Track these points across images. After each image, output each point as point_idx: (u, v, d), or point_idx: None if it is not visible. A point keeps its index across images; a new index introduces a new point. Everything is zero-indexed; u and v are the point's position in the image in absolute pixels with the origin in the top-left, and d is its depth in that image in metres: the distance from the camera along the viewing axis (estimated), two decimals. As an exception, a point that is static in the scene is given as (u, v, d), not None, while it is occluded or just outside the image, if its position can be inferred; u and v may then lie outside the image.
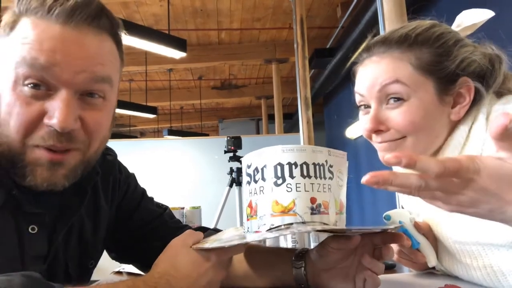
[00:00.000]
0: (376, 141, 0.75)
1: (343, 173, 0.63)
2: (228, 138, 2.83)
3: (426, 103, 0.69)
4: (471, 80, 0.71)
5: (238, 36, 6.02)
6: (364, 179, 0.44)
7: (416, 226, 0.74)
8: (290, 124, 8.93)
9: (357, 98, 0.77)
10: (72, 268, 0.67)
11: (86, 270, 0.72)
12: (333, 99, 8.37)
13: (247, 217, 0.61)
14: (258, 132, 10.03)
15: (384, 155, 0.46)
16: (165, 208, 0.88)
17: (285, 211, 0.56)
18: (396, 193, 2.18)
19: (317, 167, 0.58)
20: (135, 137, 9.39)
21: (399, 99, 0.70)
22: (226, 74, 7.54)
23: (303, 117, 3.99)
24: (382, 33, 2.28)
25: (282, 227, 0.56)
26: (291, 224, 0.56)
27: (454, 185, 0.43)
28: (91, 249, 0.72)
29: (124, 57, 0.69)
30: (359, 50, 0.82)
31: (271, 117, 7.48)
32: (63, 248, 0.66)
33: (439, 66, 0.70)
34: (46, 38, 0.56)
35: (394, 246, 0.77)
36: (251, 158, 0.62)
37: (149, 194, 0.93)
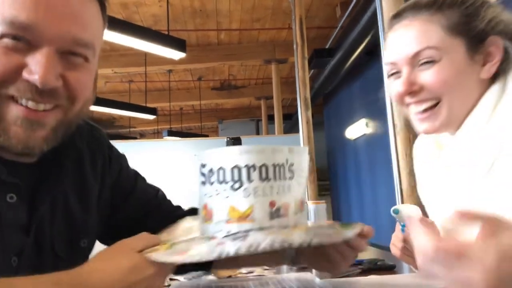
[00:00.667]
0: (409, 102, 0.75)
1: (303, 170, 0.61)
2: (228, 139, 2.83)
3: (457, 62, 0.71)
4: (500, 39, 0.72)
5: (238, 37, 6.02)
6: None
7: (423, 222, 0.74)
8: (290, 125, 8.93)
9: (388, 68, 0.77)
10: (59, 244, 0.63)
11: (78, 249, 0.68)
12: (332, 99, 8.37)
13: (202, 219, 0.59)
14: (258, 132, 10.03)
15: (421, 129, 0.45)
16: (158, 189, 0.87)
17: (243, 217, 0.54)
18: (396, 193, 2.18)
19: (277, 168, 0.56)
20: (135, 138, 9.39)
21: (431, 61, 0.71)
22: (225, 74, 7.54)
23: (303, 117, 3.99)
24: (381, 33, 2.28)
25: (239, 234, 0.53)
26: (249, 231, 0.53)
27: None
28: (81, 226, 0.68)
29: (106, 19, 0.67)
30: (359, 50, 0.82)
31: (270, 118, 7.48)
32: (49, 223, 0.63)
33: (468, 26, 0.72)
34: None
35: (398, 243, 0.77)
36: (206, 157, 0.58)
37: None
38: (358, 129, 6.60)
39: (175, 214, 0.82)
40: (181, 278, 0.90)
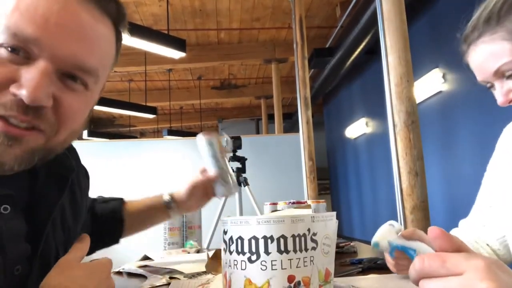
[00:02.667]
0: None
1: (330, 237, 0.57)
2: (228, 138, 2.83)
3: None
4: None
5: (238, 36, 6.02)
6: None
7: (405, 235, 0.74)
8: (290, 124, 8.94)
9: (482, 83, 0.81)
10: (63, 253, 0.63)
11: None
12: (332, 98, 8.37)
13: (223, 287, 0.58)
14: (258, 132, 10.03)
15: None
16: (94, 199, 0.92)
17: None
18: (396, 192, 2.17)
19: (297, 239, 0.53)
20: (135, 137, 9.39)
21: None
22: (225, 74, 7.54)
23: (303, 117, 3.99)
24: (381, 33, 2.29)
25: None
26: None
27: None
28: (72, 237, 0.67)
29: (119, 57, 0.63)
30: (359, 50, 0.83)
31: (270, 117, 7.48)
32: (52, 231, 0.62)
33: None
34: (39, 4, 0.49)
35: (389, 261, 0.77)
36: (227, 224, 0.57)
37: (149, 194, 0.94)
38: (358, 128, 6.60)
39: (107, 204, 0.91)
40: (180, 276, 0.90)
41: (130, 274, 1.00)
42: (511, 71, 0.72)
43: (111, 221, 0.89)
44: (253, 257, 0.53)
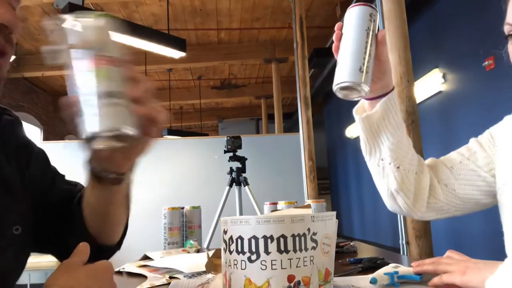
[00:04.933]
0: None
1: (330, 237, 0.57)
2: (228, 138, 2.83)
3: None
4: None
5: (238, 36, 6.02)
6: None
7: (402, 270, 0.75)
8: (290, 124, 8.94)
9: (507, 29, 0.77)
10: None
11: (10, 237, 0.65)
12: (332, 98, 8.36)
13: (223, 286, 0.57)
14: (258, 131, 10.03)
15: None
16: (76, 183, 0.81)
17: None
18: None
19: (297, 238, 0.53)
20: (135, 137, 9.37)
21: None
22: (225, 73, 7.54)
23: (303, 116, 3.99)
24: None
25: None
26: None
27: None
28: (3, 210, 0.64)
29: None
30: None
31: (271, 117, 7.48)
32: None
33: None
34: None
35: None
36: (227, 224, 0.57)
37: (149, 194, 0.92)
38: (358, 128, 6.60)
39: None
40: (180, 276, 0.90)
41: (130, 274, 1.00)
42: None
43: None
44: (253, 257, 0.53)
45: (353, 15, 0.76)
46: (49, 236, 0.74)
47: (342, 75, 0.71)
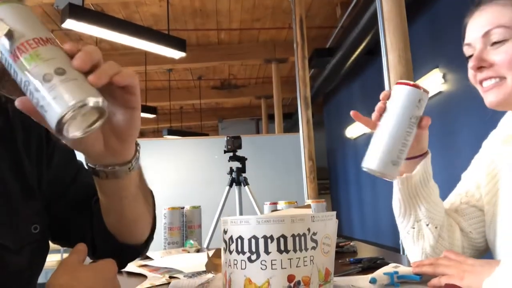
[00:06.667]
0: (479, 79, 0.78)
1: (330, 237, 0.57)
2: (228, 138, 2.83)
3: None
4: None
5: (238, 36, 6.02)
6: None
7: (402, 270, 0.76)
8: (290, 124, 8.93)
9: (466, 50, 0.81)
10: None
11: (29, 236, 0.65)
12: (332, 98, 8.37)
13: (222, 286, 0.58)
14: (258, 131, 10.03)
15: (487, 101, 0.64)
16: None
17: None
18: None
19: (297, 238, 0.53)
20: (135, 137, 9.37)
21: (502, 41, 0.74)
22: (225, 74, 7.54)
23: (303, 116, 4.00)
24: (381, 33, 2.29)
25: None
26: None
27: None
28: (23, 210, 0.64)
29: None
30: (359, 50, 0.83)
31: (271, 117, 7.48)
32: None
33: None
34: None
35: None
36: (227, 224, 0.57)
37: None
38: (358, 128, 6.60)
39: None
40: (180, 276, 0.90)
41: (130, 274, 1.00)
42: (498, 39, 0.74)
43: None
44: (253, 257, 0.53)
45: (401, 96, 0.74)
46: (68, 231, 0.72)
47: (373, 161, 0.73)
